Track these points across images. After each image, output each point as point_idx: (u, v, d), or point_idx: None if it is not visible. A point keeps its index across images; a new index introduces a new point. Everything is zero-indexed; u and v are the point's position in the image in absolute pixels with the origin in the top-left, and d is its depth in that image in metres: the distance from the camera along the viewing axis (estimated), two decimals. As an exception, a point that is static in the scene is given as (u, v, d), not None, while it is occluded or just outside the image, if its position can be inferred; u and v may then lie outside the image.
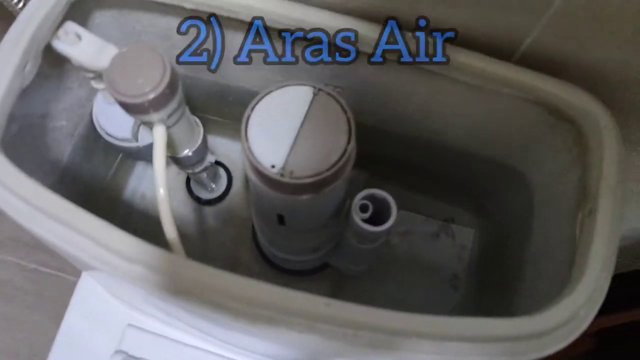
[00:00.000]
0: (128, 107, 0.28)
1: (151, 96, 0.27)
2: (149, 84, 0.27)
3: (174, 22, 0.34)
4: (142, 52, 0.27)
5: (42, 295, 0.67)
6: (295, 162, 0.26)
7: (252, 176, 0.28)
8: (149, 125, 0.30)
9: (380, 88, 0.35)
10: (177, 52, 0.36)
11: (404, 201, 0.49)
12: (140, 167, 0.48)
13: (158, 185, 0.29)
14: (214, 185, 0.47)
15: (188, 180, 0.48)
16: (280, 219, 0.32)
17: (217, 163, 0.48)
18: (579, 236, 0.27)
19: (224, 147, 0.49)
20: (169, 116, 0.30)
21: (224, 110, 0.45)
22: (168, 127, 0.31)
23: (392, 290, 0.47)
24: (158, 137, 0.29)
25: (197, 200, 0.48)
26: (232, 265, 0.46)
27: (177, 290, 0.22)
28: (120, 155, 0.44)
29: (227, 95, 0.41)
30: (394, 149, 0.43)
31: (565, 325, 0.23)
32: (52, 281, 0.68)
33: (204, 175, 0.42)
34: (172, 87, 0.28)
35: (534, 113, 0.32)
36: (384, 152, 0.45)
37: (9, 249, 0.70)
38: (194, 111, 0.38)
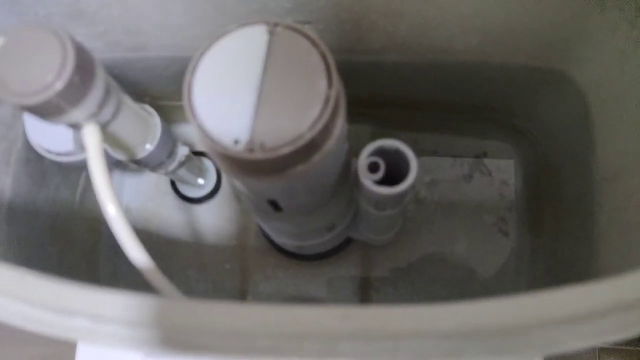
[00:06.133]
0: (38, 111, 0.21)
1: (59, 86, 0.20)
2: (50, 71, 0.20)
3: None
4: (29, 34, 0.21)
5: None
6: (265, 129, 0.19)
7: (217, 161, 0.21)
8: (79, 128, 0.23)
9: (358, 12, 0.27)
10: (101, 28, 0.28)
11: (423, 146, 0.41)
12: (114, 177, 0.41)
13: (104, 202, 0.22)
14: (201, 181, 0.41)
15: (173, 180, 0.42)
16: (275, 206, 0.26)
17: (199, 154, 0.41)
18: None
19: (203, 134, 0.42)
20: (100, 108, 0.23)
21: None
22: (105, 124, 0.25)
23: (432, 250, 0.41)
24: (90, 140, 0.23)
25: (188, 200, 0.41)
26: (242, 266, 0.40)
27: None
28: (85, 170, 0.38)
29: (181, 69, 0.34)
30: (397, 85, 0.35)
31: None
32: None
33: (184, 171, 0.35)
34: (83, 69, 0.21)
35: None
36: (386, 92, 0.37)
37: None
38: (148, 100, 0.31)
